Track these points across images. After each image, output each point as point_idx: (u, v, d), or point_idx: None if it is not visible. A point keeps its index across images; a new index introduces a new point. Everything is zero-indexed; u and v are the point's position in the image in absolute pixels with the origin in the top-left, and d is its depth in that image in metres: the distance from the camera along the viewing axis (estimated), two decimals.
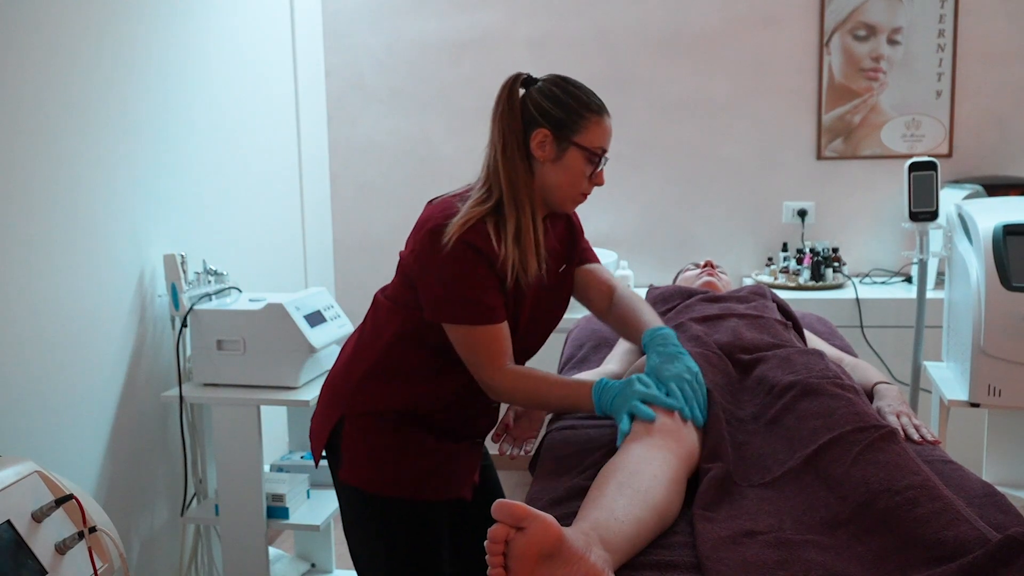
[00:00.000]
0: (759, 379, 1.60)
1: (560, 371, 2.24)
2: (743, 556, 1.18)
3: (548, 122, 1.58)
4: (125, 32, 2.28)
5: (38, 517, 1.57)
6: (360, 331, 1.71)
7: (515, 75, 1.64)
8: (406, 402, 1.61)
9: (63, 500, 1.62)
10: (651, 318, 1.69)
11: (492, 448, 1.82)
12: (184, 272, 2.35)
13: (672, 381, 1.49)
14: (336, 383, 1.69)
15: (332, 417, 1.65)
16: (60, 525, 1.62)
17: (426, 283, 1.55)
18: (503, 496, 1.90)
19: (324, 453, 1.70)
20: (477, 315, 1.52)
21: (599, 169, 1.61)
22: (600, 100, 1.64)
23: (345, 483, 1.66)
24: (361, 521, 1.68)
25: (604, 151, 1.61)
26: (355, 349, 1.69)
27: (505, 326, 1.56)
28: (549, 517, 1.09)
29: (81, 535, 1.63)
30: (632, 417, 1.44)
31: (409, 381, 1.61)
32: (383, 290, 1.71)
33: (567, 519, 1.30)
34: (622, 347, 2.01)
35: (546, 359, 2.75)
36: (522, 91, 1.63)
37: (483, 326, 1.53)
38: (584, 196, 1.64)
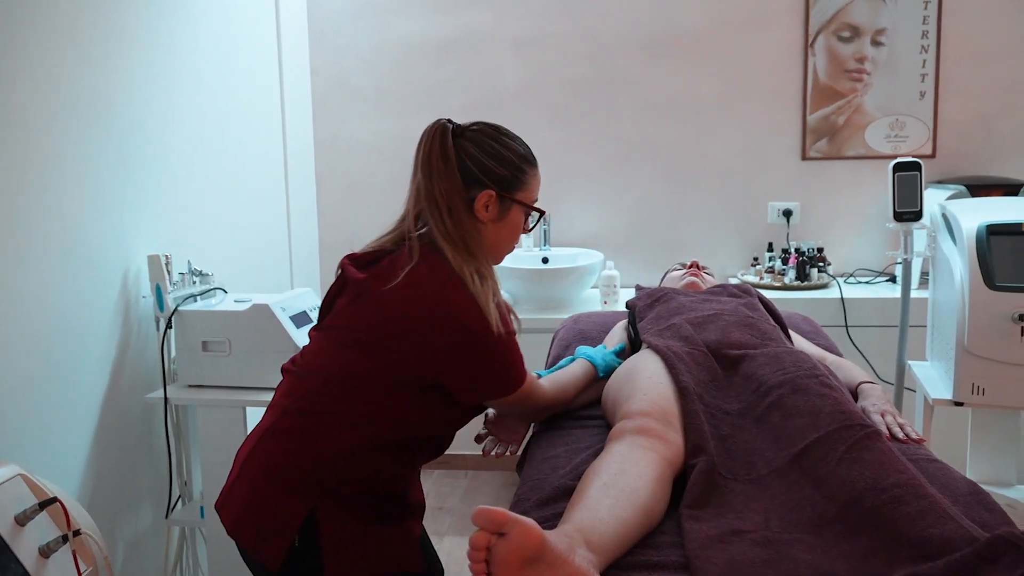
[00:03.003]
0: (746, 376, 1.61)
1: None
2: (731, 555, 1.18)
3: (492, 181, 1.51)
4: (109, 30, 2.27)
5: (21, 520, 1.56)
6: (312, 416, 1.47)
7: (440, 125, 1.53)
8: (384, 485, 1.51)
9: (47, 503, 1.61)
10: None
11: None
12: (169, 273, 2.34)
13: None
14: (293, 473, 1.46)
15: (297, 512, 1.44)
16: (44, 528, 1.60)
17: (477, 376, 1.48)
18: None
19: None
20: (524, 375, 1.57)
21: (533, 225, 1.62)
22: (531, 149, 1.59)
23: None
24: None
25: (535, 201, 1.60)
26: (312, 434, 1.46)
27: None
28: (530, 521, 1.09)
29: (65, 538, 1.62)
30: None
31: (384, 463, 1.49)
32: (341, 378, 1.47)
33: (554, 520, 1.30)
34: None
35: (533, 359, 2.75)
36: (453, 140, 1.53)
37: (527, 378, 1.58)
38: (513, 248, 1.64)
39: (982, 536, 1.09)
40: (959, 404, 2.18)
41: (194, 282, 2.44)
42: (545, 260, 3.36)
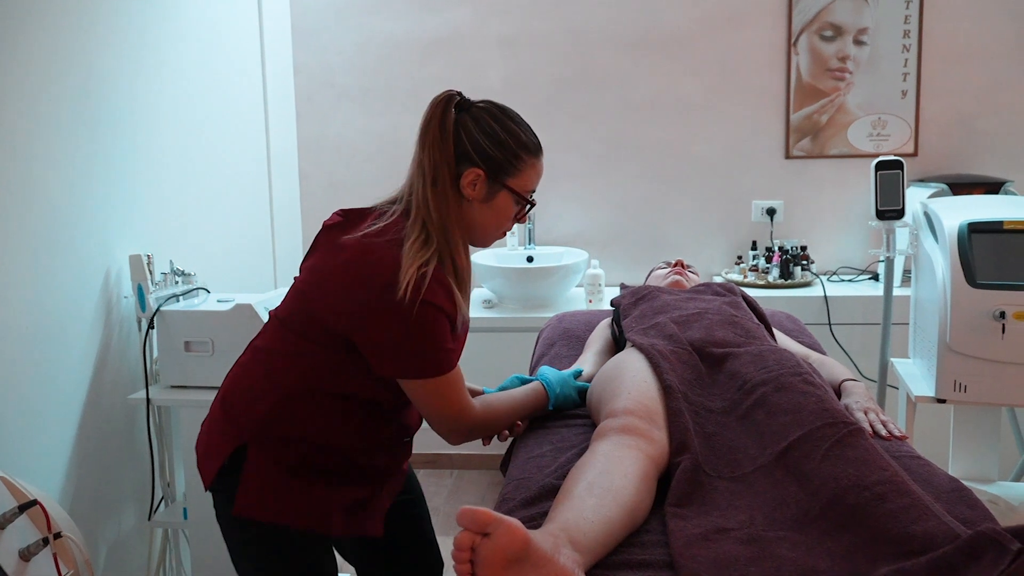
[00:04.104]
0: (731, 375, 1.61)
1: (532, 370, 2.23)
2: (715, 553, 1.18)
3: (483, 161, 1.48)
4: (90, 28, 2.25)
5: (1, 524, 1.55)
6: (263, 353, 1.54)
7: (447, 95, 1.50)
8: (317, 438, 1.49)
9: (27, 506, 1.60)
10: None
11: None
12: (150, 273, 2.32)
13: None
14: (237, 405, 1.52)
15: (231, 441, 1.49)
16: (24, 531, 1.59)
17: (381, 342, 1.42)
18: (429, 531, 1.80)
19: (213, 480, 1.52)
20: (443, 364, 1.45)
21: (526, 212, 1.58)
22: (537, 138, 1.56)
23: (241, 517, 1.48)
24: (263, 558, 1.52)
25: (533, 193, 1.56)
26: (258, 372, 1.53)
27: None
28: (515, 521, 1.08)
29: (46, 541, 1.60)
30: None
31: (321, 417, 1.49)
32: (285, 319, 1.52)
33: (540, 519, 1.30)
34: (592, 348, 2.01)
35: (518, 358, 2.75)
36: (455, 114, 1.50)
37: (448, 373, 1.47)
38: (505, 234, 1.59)
39: (964, 533, 1.10)
40: (941, 401, 2.19)
41: (176, 282, 2.42)
42: (530, 259, 3.36)
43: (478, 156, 1.48)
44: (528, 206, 1.56)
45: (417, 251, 1.41)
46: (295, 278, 1.58)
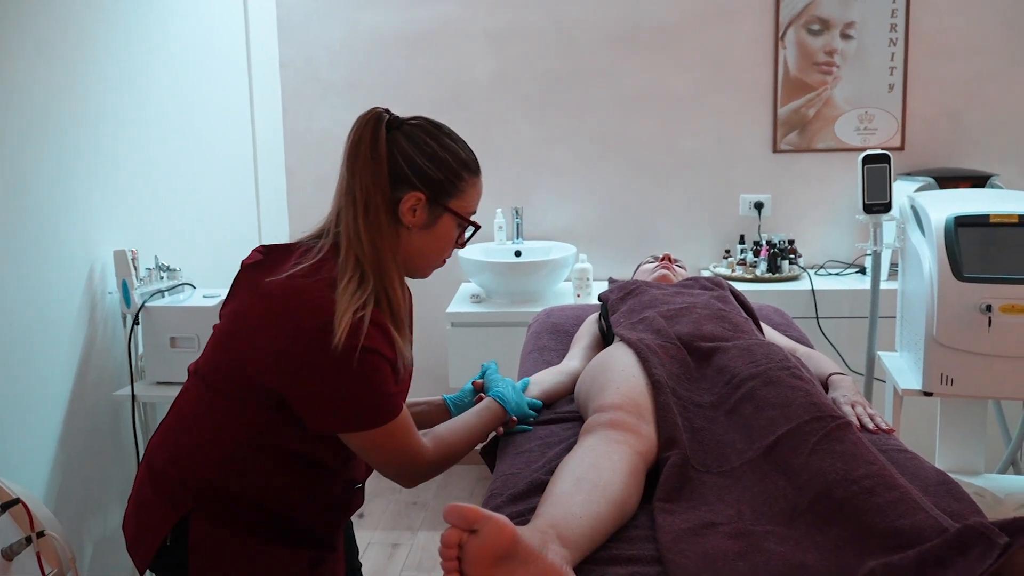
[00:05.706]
0: (719, 369, 1.61)
1: (522, 363, 2.22)
2: (704, 548, 1.18)
3: (424, 184, 1.36)
4: (74, 22, 2.22)
5: None
6: (190, 416, 1.40)
7: (375, 113, 1.39)
8: (263, 500, 1.37)
9: (9, 504, 1.58)
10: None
11: None
12: (135, 268, 2.30)
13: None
14: (172, 476, 1.37)
15: (169, 515, 1.35)
16: (6, 531, 1.58)
17: (315, 396, 1.30)
18: None
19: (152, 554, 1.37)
20: (387, 412, 1.34)
21: (468, 237, 1.47)
22: (475, 155, 1.44)
23: None
24: None
25: (474, 214, 1.45)
26: (189, 438, 1.38)
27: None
28: (502, 518, 1.08)
29: (29, 540, 1.59)
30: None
31: (264, 480, 1.37)
32: (207, 376, 1.39)
33: (528, 515, 1.29)
34: (580, 343, 2.01)
35: (508, 352, 2.75)
36: (387, 133, 1.38)
37: (394, 420, 1.35)
38: (445, 262, 1.49)
39: (952, 527, 1.10)
40: (928, 394, 2.20)
41: (161, 277, 2.41)
42: (518, 253, 3.35)
43: (417, 178, 1.36)
44: (471, 229, 1.46)
45: (352, 293, 1.29)
46: (215, 326, 1.43)
